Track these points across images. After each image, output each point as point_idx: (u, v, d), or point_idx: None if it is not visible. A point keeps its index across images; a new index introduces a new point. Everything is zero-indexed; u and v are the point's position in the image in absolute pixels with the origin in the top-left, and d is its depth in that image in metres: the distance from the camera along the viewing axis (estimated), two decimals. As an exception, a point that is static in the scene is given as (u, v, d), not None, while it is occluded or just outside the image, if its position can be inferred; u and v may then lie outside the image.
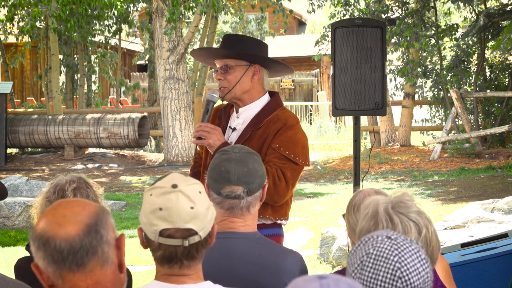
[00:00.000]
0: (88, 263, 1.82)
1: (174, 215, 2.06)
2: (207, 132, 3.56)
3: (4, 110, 15.07)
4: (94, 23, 18.32)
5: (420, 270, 1.78)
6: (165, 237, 2.07)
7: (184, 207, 2.08)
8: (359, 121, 5.19)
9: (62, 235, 1.81)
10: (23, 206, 9.14)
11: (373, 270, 1.77)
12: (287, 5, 19.29)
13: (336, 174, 13.58)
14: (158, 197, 2.09)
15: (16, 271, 2.97)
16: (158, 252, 2.10)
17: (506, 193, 9.66)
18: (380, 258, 1.78)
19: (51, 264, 1.81)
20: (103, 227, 1.85)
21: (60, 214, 1.85)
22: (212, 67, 3.97)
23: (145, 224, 2.10)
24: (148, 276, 6.76)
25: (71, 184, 2.85)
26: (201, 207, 2.11)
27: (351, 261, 1.82)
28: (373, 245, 1.80)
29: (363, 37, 4.95)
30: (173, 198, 2.08)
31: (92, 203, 1.90)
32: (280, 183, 3.48)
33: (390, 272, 1.76)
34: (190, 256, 2.11)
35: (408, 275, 1.76)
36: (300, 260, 2.68)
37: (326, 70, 28.81)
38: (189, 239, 2.08)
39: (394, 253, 1.78)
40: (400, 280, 1.75)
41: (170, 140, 15.01)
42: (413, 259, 1.78)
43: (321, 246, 7.23)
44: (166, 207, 2.07)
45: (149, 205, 2.10)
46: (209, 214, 2.14)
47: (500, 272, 4.30)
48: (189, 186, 2.12)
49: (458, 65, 15.16)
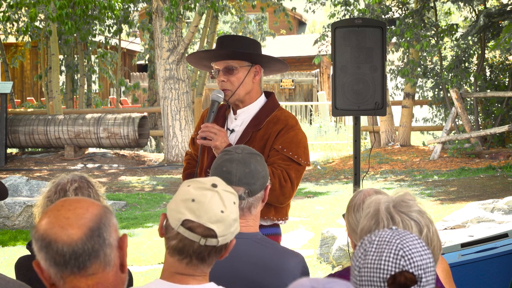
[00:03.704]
0: (90, 266, 1.82)
1: (203, 210, 2.08)
2: (213, 133, 3.53)
3: (4, 110, 15.06)
4: (94, 23, 18.33)
5: (422, 253, 1.81)
6: (186, 228, 2.08)
7: (215, 207, 2.10)
8: (359, 121, 5.19)
9: (65, 239, 1.81)
10: (23, 206, 9.14)
11: (377, 253, 1.79)
12: (287, 5, 19.30)
13: (336, 174, 13.58)
14: (195, 189, 2.12)
15: (17, 270, 2.97)
16: (173, 241, 2.11)
17: (506, 193, 9.66)
18: (383, 242, 1.81)
19: (53, 266, 1.82)
20: (105, 230, 1.85)
21: (63, 216, 1.84)
22: (206, 70, 3.92)
23: (172, 210, 2.12)
24: (148, 276, 6.76)
25: (72, 184, 2.85)
26: (230, 216, 2.13)
27: (355, 256, 1.84)
28: (375, 234, 1.84)
29: (363, 37, 4.95)
30: (209, 195, 2.11)
31: (95, 203, 1.90)
32: (286, 184, 3.48)
33: (393, 252, 1.79)
34: (201, 257, 2.11)
35: (411, 254, 1.79)
36: (302, 261, 2.68)
37: (326, 70, 28.81)
38: (207, 239, 2.09)
39: (395, 237, 1.81)
40: (403, 259, 1.78)
41: (170, 140, 15.01)
42: (415, 243, 1.82)
43: (321, 246, 7.23)
44: (199, 201, 2.09)
45: (183, 194, 2.13)
46: (234, 226, 2.15)
47: (500, 272, 4.30)
48: (227, 193, 2.15)
49: (458, 65, 15.16)
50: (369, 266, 1.78)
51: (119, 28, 18.84)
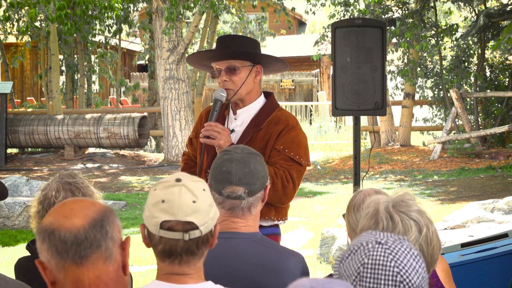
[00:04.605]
0: (91, 255, 1.82)
1: (175, 207, 2.08)
2: (217, 132, 3.51)
3: (4, 110, 15.06)
4: (94, 23, 18.33)
5: (417, 268, 1.79)
6: (166, 229, 2.08)
7: (186, 200, 2.09)
8: (359, 121, 5.19)
9: (68, 226, 1.82)
10: (23, 206, 9.14)
11: (373, 280, 1.77)
12: (287, 5, 19.29)
13: (336, 174, 13.58)
14: (161, 190, 2.12)
15: (17, 270, 2.97)
16: (159, 246, 2.11)
17: (506, 193, 9.66)
18: (377, 266, 1.78)
19: (55, 256, 1.82)
20: (109, 224, 1.87)
21: (68, 207, 1.87)
22: (205, 70, 3.92)
23: (147, 218, 2.12)
24: (148, 276, 6.76)
25: (57, 197, 2.83)
26: (204, 203, 2.12)
27: (347, 272, 1.81)
28: (366, 254, 1.80)
29: (363, 37, 4.95)
30: (176, 191, 2.10)
31: (101, 203, 1.92)
32: (288, 184, 3.49)
33: (391, 279, 1.76)
34: (190, 252, 2.11)
35: (408, 276, 1.77)
36: (302, 261, 2.68)
37: (326, 70, 28.81)
38: (190, 233, 2.08)
39: (389, 258, 1.78)
40: (402, 284, 1.76)
41: (170, 140, 15.01)
42: (408, 259, 1.79)
43: (321, 246, 7.23)
44: (168, 199, 2.09)
45: (152, 198, 2.12)
46: (212, 211, 2.14)
47: (500, 272, 4.30)
48: (193, 182, 2.14)
49: (458, 65, 15.16)
50: None
51: (119, 28, 18.84)
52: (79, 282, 1.82)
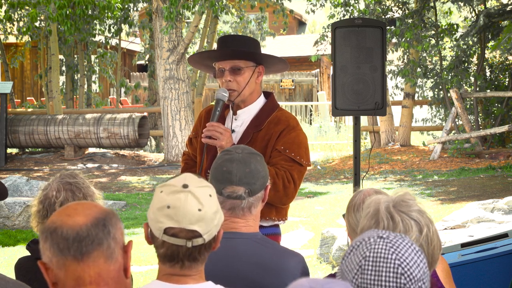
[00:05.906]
0: (92, 252, 1.83)
1: (180, 215, 2.07)
2: (219, 133, 3.50)
3: (4, 110, 15.06)
4: (94, 23, 18.32)
5: (419, 262, 1.80)
6: (169, 235, 2.08)
7: (191, 208, 2.08)
8: (359, 121, 5.19)
9: (70, 223, 1.84)
10: (23, 206, 9.14)
11: (375, 272, 1.78)
12: (287, 5, 19.29)
13: (336, 174, 13.58)
14: (167, 195, 2.10)
15: (17, 271, 2.97)
16: (161, 249, 2.11)
17: (506, 193, 9.66)
18: (379, 259, 1.79)
19: (56, 253, 1.83)
20: (112, 225, 1.88)
21: (71, 208, 1.89)
22: (206, 70, 3.90)
23: (152, 220, 2.11)
24: (148, 276, 6.76)
25: (58, 198, 2.84)
26: (209, 211, 2.11)
27: (348, 267, 1.82)
28: (368, 248, 1.81)
29: (363, 37, 4.95)
30: (182, 198, 2.08)
31: (104, 207, 1.94)
32: (290, 185, 3.49)
33: (392, 271, 1.77)
34: (192, 258, 2.11)
35: (410, 269, 1.78)
36: (302, 262, 2.68)
37: (326, 70, 28.81)
38: (193, 240, 2.08)
39: (390, 251, 1.79)
40: (403, 276, 1.77)
41: (170, 140, 15.01)
42: (410, 253, 1.81)
43: (321, 246, 7.23)
44: (174, 206, 2.08)
45: (158, 201, 2.11)
46: (217, 218, 2.14)
47: (500, 272, 4.30)
48: (200, 188, 2.12)
49: (458, 65, 15.16)
50: (368, 287, 1.77)
51: (119, 28, 18.84)
52: (80, 279, 1.83)
